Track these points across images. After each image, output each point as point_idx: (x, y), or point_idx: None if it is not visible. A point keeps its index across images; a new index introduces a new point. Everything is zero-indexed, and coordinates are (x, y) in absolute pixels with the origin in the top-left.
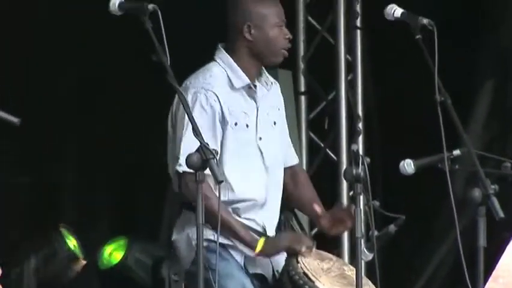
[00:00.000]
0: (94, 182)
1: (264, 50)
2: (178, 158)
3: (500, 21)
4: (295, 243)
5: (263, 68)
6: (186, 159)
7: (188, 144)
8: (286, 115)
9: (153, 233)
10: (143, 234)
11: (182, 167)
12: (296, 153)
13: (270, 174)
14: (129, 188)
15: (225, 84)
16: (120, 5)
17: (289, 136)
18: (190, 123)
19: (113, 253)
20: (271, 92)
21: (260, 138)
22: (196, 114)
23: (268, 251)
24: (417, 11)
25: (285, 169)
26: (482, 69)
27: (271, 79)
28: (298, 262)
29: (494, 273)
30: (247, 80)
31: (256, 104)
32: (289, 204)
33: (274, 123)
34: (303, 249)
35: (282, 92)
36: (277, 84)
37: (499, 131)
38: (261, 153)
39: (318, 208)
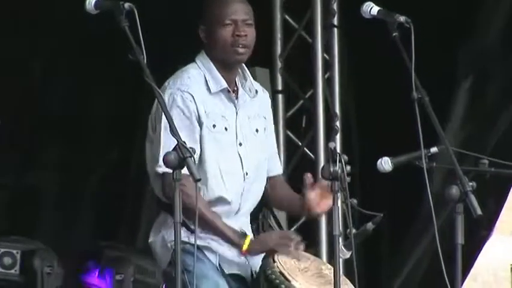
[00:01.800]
0: (73, 185)
1: (216, 51)
2: (157, 160)
3: (478, 21)
4: (284, 242)
5: (247, 73)
6: (163, 158)
7: (167, 145)
8: None
9: (132, 236)
10: (123, 236)
11: (162, 168)
12: None
13: (248, 181)
14: (109, 191)
15: (202, 86)
16: (96, 3)
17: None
18: (167, 123)
19: None
20: (256, 100)
21: (240, 144)
22: (173, 115)
23: (256, 250)
24: (395, 9)
25: (268, 178)
26: (460, 67)
27: (257, 87)
28: (274, 261)
29: (472, 271)
30: (224, 84)
31: (236, 108)
32: (267, 203)
33: (257, 130)
34: (292, 247)
35: None
36: (267, 93)
37: (476, 128)
38: (240, 159)
39: (309, 178)
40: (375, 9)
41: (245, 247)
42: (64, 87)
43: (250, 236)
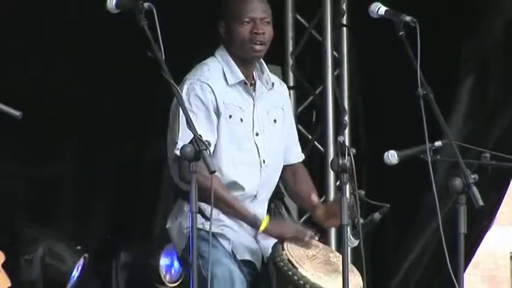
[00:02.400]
0: (92, 176)
1: (234, 46)
2: (176, 143)
3: (481, 19)
4: (299, 236)
5: (264, 67)
6: (180, 151)
7: (185, 135)
8: None
9: (149, 226)
10: (140, 227)
11: (179, 150)
12: None
13: (266, 169)
14: (126, 183)
15: (220, 78)
16: (117, 3)
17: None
18: (184, 116)
19: None
20: (273, 92)
21: (257, 134)
22: (192, 104)
23: (272, 232)
24: (401, 9)
25: (287, 166)
26: (463, 63)
27: (273, 80)
28: (283, 249)
29: (474, 259)
30: (241, 77)
31: (253, 100)
32: (278, 194)
33: (275, 121)
34: (306, 239)
35: None
36: (284, 85)
37: (479, 123)
38: (257, 148)
39: (314, 198)
40: (382, 9)
41: (262, 227)
42: (78, 80)
43: (267, 218)
